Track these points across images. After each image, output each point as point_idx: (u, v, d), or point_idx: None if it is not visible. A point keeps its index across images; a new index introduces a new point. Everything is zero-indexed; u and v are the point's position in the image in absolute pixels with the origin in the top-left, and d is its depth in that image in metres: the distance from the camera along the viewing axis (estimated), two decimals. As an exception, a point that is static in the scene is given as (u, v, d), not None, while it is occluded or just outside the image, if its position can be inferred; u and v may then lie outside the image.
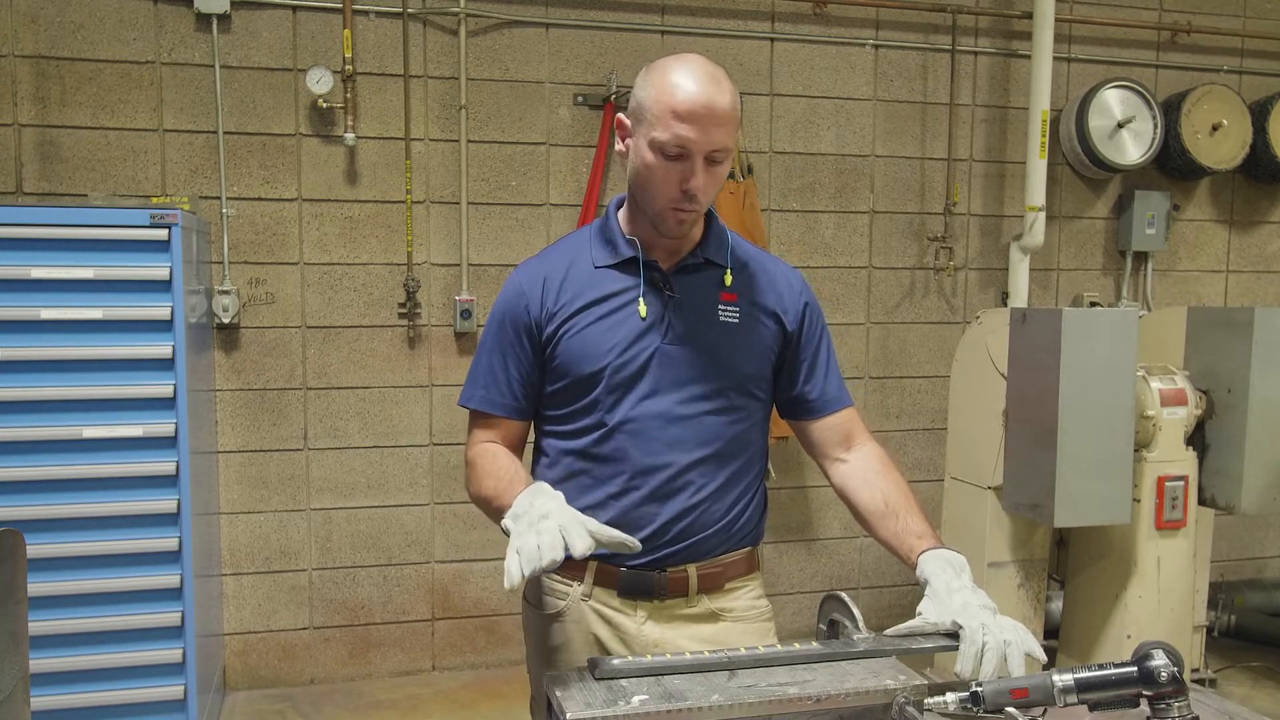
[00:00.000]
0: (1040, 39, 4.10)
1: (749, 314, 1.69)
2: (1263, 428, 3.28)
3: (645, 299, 1.64)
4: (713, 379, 1.65)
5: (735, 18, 4.12)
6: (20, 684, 1.42)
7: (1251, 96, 4.60)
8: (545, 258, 1.73)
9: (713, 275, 1.69)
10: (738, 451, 1.70)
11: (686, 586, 1.67)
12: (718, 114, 1.51)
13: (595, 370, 1.62)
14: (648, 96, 1.55)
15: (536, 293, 1.66)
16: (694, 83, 1.51)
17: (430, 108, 3.84)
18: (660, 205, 1.58)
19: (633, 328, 1.63)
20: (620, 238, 1.68)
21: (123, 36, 3.57)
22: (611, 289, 1.65)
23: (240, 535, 3.79)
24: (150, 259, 2.97)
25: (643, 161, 1.56)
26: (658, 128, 1.52)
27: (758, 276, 1.72)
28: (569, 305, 1.65)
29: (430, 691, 3.84)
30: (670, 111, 1.51)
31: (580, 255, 1.69)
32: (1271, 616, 4.35)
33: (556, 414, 1.69)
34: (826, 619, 1.48)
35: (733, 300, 1.68)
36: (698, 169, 1.53)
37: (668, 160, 1.53)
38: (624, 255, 1.66)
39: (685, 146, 1.51)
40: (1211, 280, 4.82)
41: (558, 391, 1.67)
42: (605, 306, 1.64)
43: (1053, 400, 3.12)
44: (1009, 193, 4.48)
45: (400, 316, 3.87)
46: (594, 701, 1.21)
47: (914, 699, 1.26)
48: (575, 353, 1.63)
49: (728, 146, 1.55)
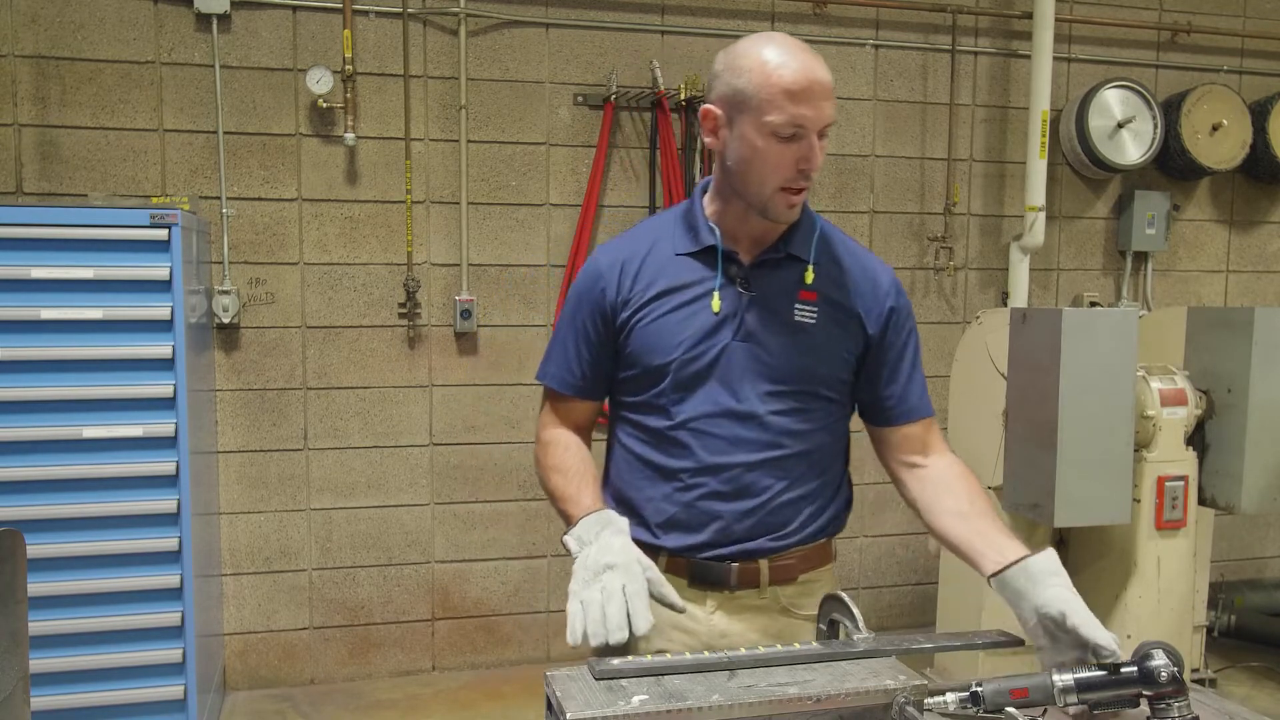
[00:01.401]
0: (1040, 39, 4.10)
1: (828, 314, 1.63)
2: (1263, 428, 3.27)
3: (720, 293, 1.60)
4: (782, 379, 1.61)
5: (735, 18, 4.12)
6: (20, 684, 1.42)
7: (1251, 96, 4.60)
8: (627, 239, 1.71)
9: (794, 271, 1.64)
10: (808, 452, 1.65)
11: (758, 578, 1.66)
12: (826, 87, 1.50)
13: (663, 363, 1.60)
14: (747, 82, 1.50)
15: (614, 276, 1.64)
16: (795, 59, 1.48)
17: (430, 108, 3.84)
18: (771, 190, 1.54)
19: (704, 322, 1.60)
20: (703, 224, 1.64)
21: (123, 36, 3.57)
22: (687, 279, 1.62)
23: (240, 535, 3.79)
24: (150, 259, 2.97)
25: (751, 148, 1.51)
26: (769, 111, 1.48)
27: (844, 274, 1.67)
28: (644, 292, 1.62)
29: (430, 691, 3.84)
30: (782, 92, 1.47)
31: (661, 239, 1.67)
32: (1271, 616, 4.34)
33: (628, 400, 1.68)
34: (826, 619, 1.48)
35: (812, 299, 1.63)
36: (815, 146, 1.51)
37: (782, 142, 1.50)
38: (704, 243, 1.62)
39: (803, 125, 1.48)
40: (1211, 280, 4.82)
41: (628, 379, 1.66)
42: (679, 297, 1.61)
43: (1053, 400, 3.12)
44: (1009, 193, 4.48)
45: (400, 316, 3.87)
46: (594, 701, 1.21)
47: (914, 699, 1.26)
48: (646, 343, 1.62)
49: (834, 119, 1.53)
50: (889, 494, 4.30)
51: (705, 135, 1.59)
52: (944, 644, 1.56)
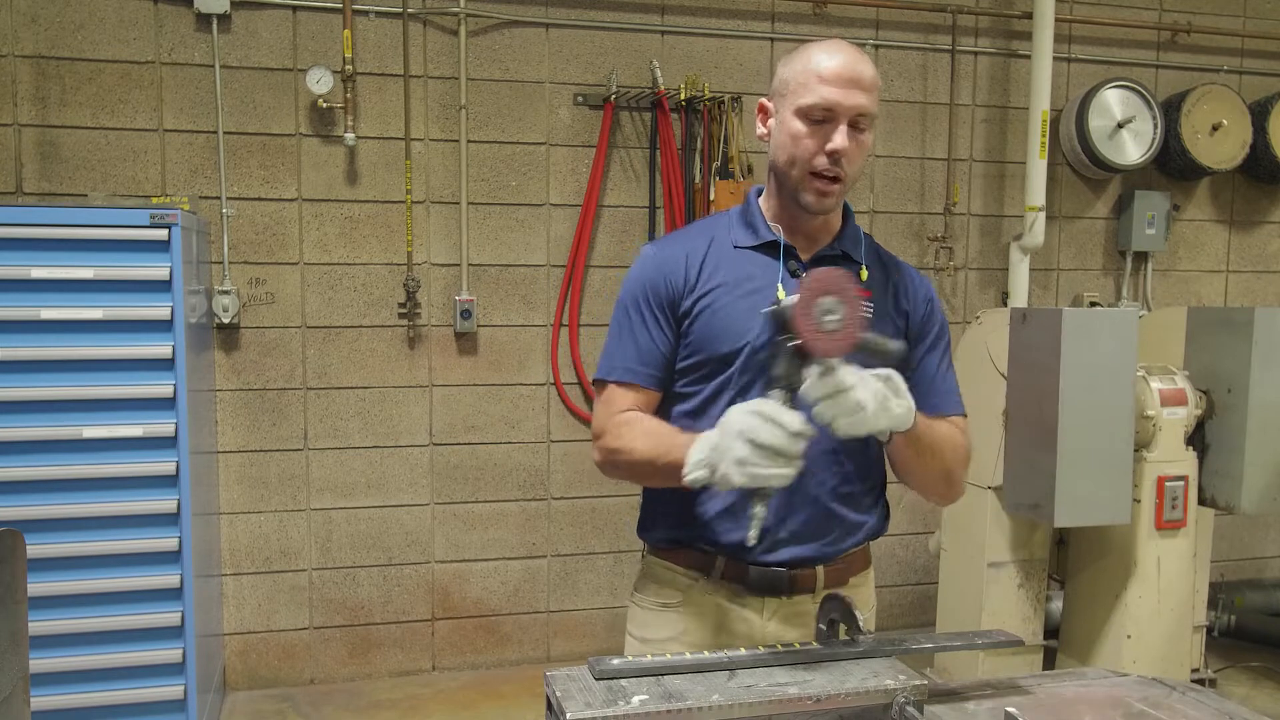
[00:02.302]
0: (1040, 39, 4.10)
1: (881, 312, 1.66)
2: (1263, 428, 3.28)
3: (785, 284, 1.62)
4: None
5: (735, 18, 4.12)
6: (20, 684, 1.42)
7: (1251, 96, 4.60)
8: (682, 236, 1.75)
9: (849, 270, 1.65)
10: (861, 451, 1.67)
11: (814, 583, 1.67)
12: (861, 78, 1.55)
13: (733, 349, 1.61)
14: (791, 71, 1.60)
15: (678, 267, 1.66)
16: (838, 51, 1.57)
17: (430, 108, 3.84)
18: (801, 173, 1.59)
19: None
20: (761, 221, 1.69)
21: (123, 36, 3.57)
22: (751, 270, 1.65)
23: (240, 535, 3.79)
24: (150, 259, 2.97)
25: (788, 132, 1.59)
26: (803, 95, 1.56)
27: (889, 276, 1.72)
28: (708, 280, 1.65)
29: (430, 691, 3.84)
30: (816, 76, 1.55)
31: (720, 235, 1.70)
32: (1271, 616, 4.35)
33: (687, 392, 1.67)
34: (826, 619, 1.48)
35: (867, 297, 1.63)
36: (841, 129, 1.55)
37: (813, 124, 1.56)
38: (765, 238, 1.67)
39: (831, 108, 1.54)
40: (1211, 280, 4.82)
41: (689, 368, 1.66)
42: (745, 287, 1.63)
43: (1053, 400, 3.12)
44: (1009, 193, 4.48)
45: (400, 316, 3.87)
46: (594, 701, 1.21)
47: (914, 699, 1.26)
48: (714, 330, 1.62)
49: (871, 111, 1.57)
50: (889, 494, 4.30)
51: (759, 126, 1.69)
52: (944, 644, 1.57)
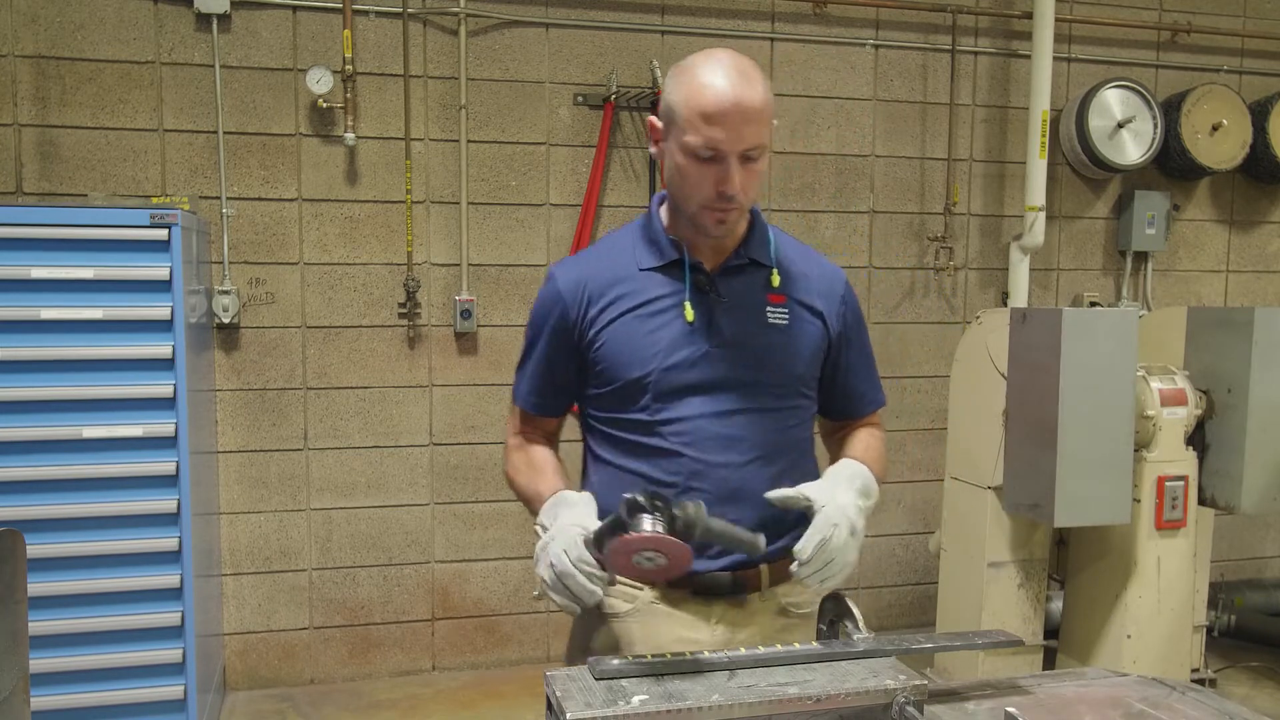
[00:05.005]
0: (1040, 39, 4.10)
1: (797, 314, 1.67)
2: (1263, 428, 3.28)
3: (691, 302, 1.61)
4: (765, 381, 1.64)
5: (735, 18, 4.12)
6: (20, 684, 1.42)
7: (1251, 96, 4.60)
8: (586, 260, 1.73)
9: (759, 275, 1.67)
10: (791, 451, 1.69)
11: (759, 582, 1.67)
12: (748, 111, 1.49)
13: (641, 375, 1.61)
14: (677, 99, 1.53)
15: (576, 298, 1.65)
16: (722, 81, 1.49)
17: (430, 108, 3.84)
18: (695, 206, 1.57)
19: (679, 331, 1.61)
20: (664, 239, 1.66)
21: (123, 36, 3.57)
22: (656, 292, 1.63)
23: (240, 535, 3.79)
24: (150, 259, 2.97)
25: (676, 165, 1.55)
26: (689, 131, 1.51)
27: (803, 276, 1.71)
28: (611, 309, 1.63)
29: (430, 691, 3.84)
30: (699, 114, 1.49)
31: (622, 257, 1.68)
32: (1271, 616, 4.34)
33: (607, 416, 1.68)
34: (826, 619, 1.49)
35: (781, 301, 1.66)
36: (733, 170, 1.51)
37: (701, 163, 1.52)
38: (668, 258, 1.64)
39: (717, 149, 1.50)
40: (1211, 280, 4.82)
41: (605, 395, 1.66)
42: (650, 309, 1.62)
43: (1053, 400, 3.12)
44: (1009, 193, 4.48)
45: (400, 316, 3.87)
46: (594, 701, 1.21)
47: (914, 699, 1.26)
48: (620, 358, 1.62)
49: (761, 144, 1.53)
50: (889, 494, 4.30)
51: (651, 146, 1.64)
52: (944, 644, 1.57)
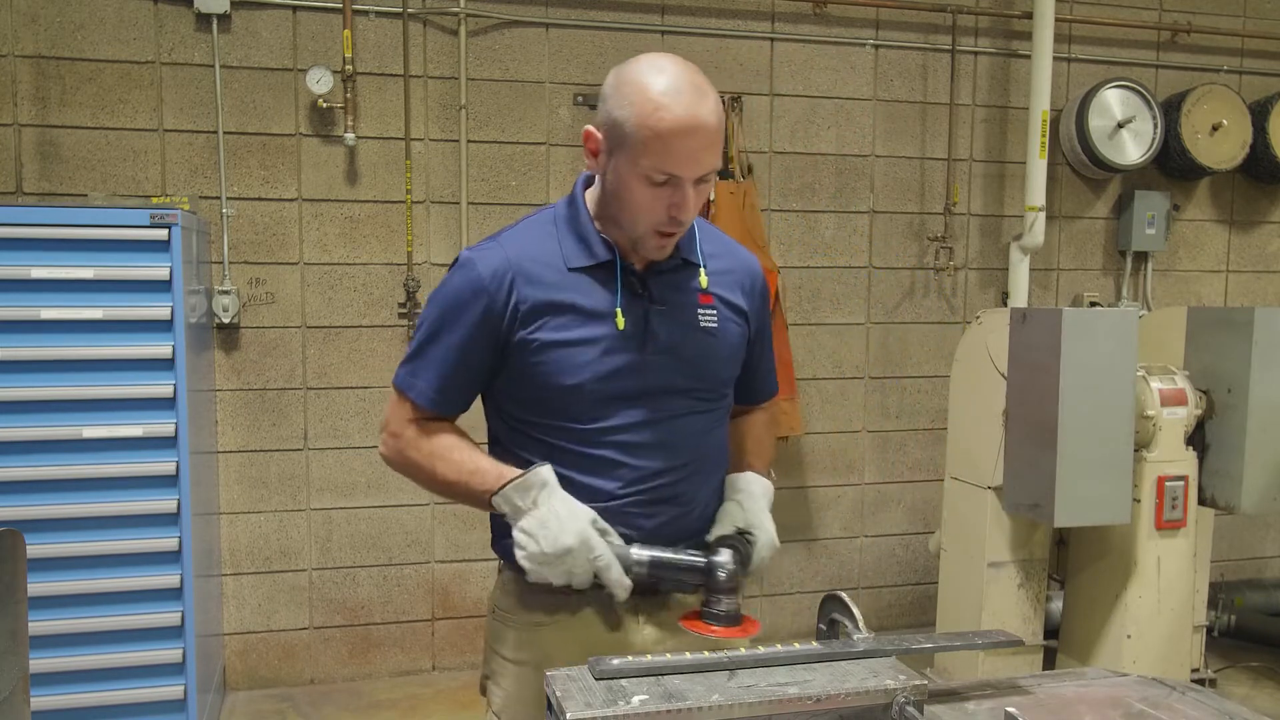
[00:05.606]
0: (1040, 39, 4.10)
1: (724, 314, 1.65)
2: (1263, 428, 3.28)
3: (624, 308, 1.55)
4: (696, 386, 1.62)
5: (735, 18, 4.12)
6: (20, 684, 1.42)
7: (1251, 96, 4.61)
8: (506, 247, 1.57)
9: (689, 276, 1.62)
10: (719, 452, 1.70)
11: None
12: (707, 135, 1.43)
13: (576, 383, 1.54)
14: (627, 117, 1.43)
15: (501, 289, 1.53)
16: (678, 101, 1.40)
17: (430, 108, 3.84)
18: (642, 229, 1.51)
19: (613, 337, 1.55)
20: (594, 236, 1.57)
21: (123, 36, 3.57)
22: (588, 296, 1.55)
23: (240, 535, 3.79)
24: (150, 259, 2.97)
25: (625, 186, 1.47)
26: (644, 156, 1.42)
27: (728, 271, 1.68)
28: (541, 309, 1.54)
29: (430, 691, 3.84)
30: (658, 139, 1.41)
31: (549, 248, 1.57)
32: (1271, 616, 4.34)
33: (538, 422, 1.59)
34: (826, 619, 1.49)
35: (710, 303, 1.63)
36: (688, 195, 1.45)
37: (654, 186, 1.45)
38: (599, 259, 1.56)
39: (673, 174, 1.44)
40: (1211, 280, 4.82)
41: (535, 401, 1.58)
42: (581, 314, 1.54)
43: (1053, 400, 3.12)
44: (1009, 193, 4.48)
45: (400, 316, 3.87)
46: (594, 701, 1.21)
47: (914, 699, 1.26)
48: (553, 364, 1.54)
49: (717, 167, 1.47)
50: (889, 494, 4.30)
51: (586, 155, 1.54)
52: (944, 644, 1.57)
